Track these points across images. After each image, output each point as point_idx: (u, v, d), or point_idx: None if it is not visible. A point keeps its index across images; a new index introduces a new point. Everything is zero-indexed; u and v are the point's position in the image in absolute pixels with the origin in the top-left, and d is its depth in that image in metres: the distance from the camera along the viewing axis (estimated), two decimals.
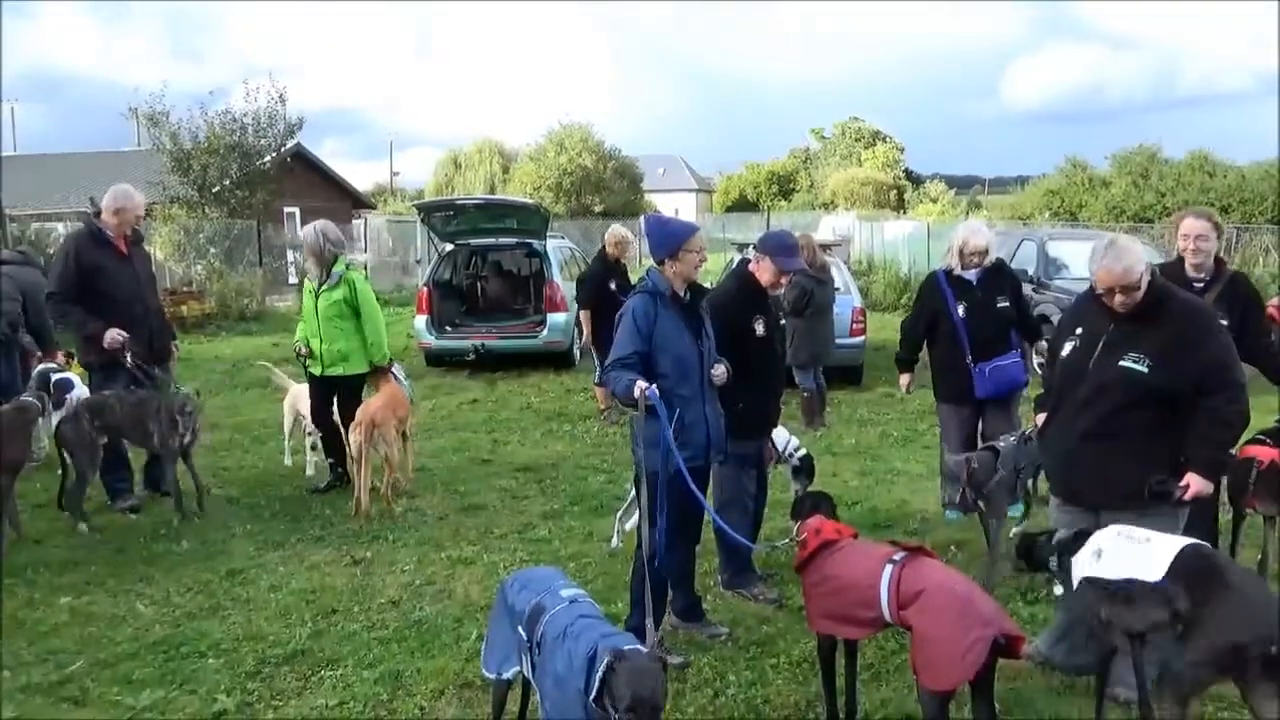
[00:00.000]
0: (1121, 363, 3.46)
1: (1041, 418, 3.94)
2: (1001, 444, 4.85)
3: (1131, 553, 3.10)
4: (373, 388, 6.46)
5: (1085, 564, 3.23)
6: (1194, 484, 3.40)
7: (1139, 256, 3.43)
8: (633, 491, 4.44)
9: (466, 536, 5.61)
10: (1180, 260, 4.49)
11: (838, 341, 9.08)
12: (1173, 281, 3.96)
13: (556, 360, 11.45)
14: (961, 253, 5.47)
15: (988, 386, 5.41)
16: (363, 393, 6.51)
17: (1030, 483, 5.17)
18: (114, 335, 5.71)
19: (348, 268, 6.21)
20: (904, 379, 5.99)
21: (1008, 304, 5.50)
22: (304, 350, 6.43)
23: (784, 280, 4.69)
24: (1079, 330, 3.67)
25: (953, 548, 5.25)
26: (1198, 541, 3.12)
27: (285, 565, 5.17)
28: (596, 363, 8.39)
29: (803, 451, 5.36)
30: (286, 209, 23.81)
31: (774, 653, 4.08)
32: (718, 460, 4.33)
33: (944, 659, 2.91)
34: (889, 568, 3.13)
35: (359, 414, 5.95)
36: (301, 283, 7.24)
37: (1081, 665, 3.73)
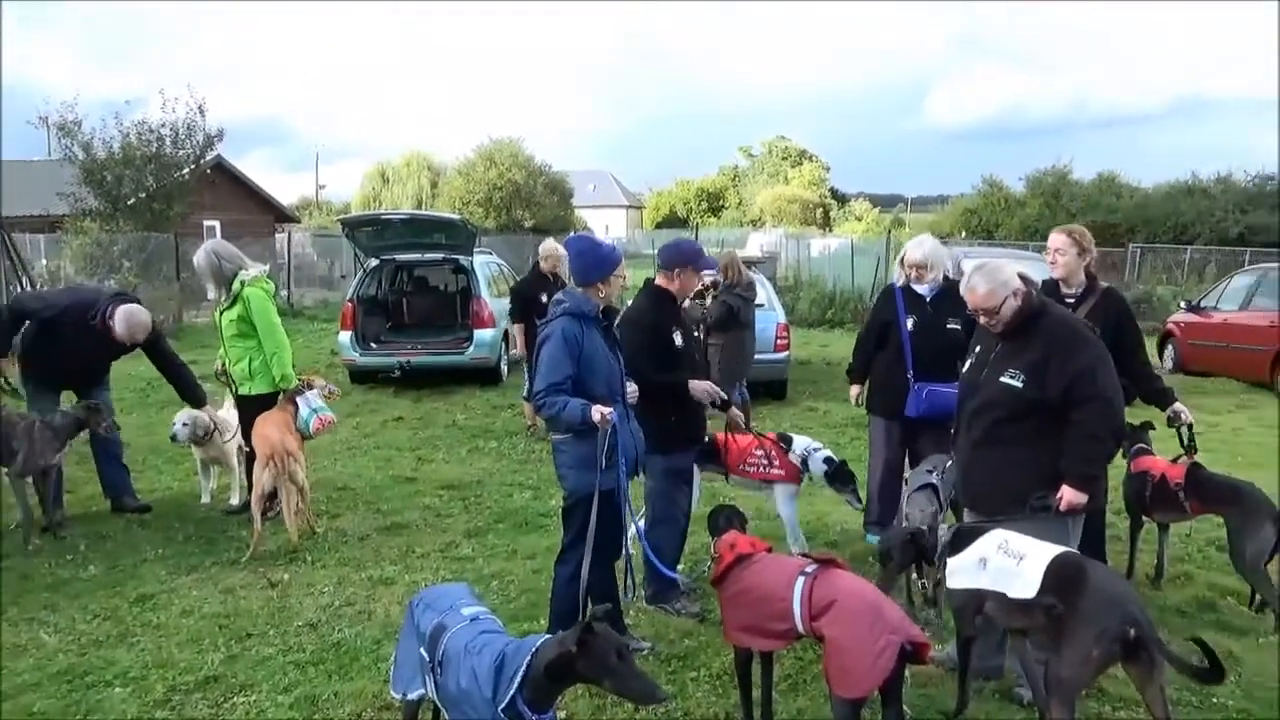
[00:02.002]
0: (1001, 378, 3.66)
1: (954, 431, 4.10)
2: (936, 480, 4.69)
3: (1006, 569, 3.24)
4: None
5: (969, 571, 3.36)
6: (1067, 495, 3.56)
7: (1003, 282, 3.62)
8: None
9: (388, 556, 5.54)
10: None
11: (763, 356, 9.24)
12: (1050, 296, 4.17)
13: (483, 376, 11.38)
14: (902, 263, 5.41)
15: (921, 407, 5.18)
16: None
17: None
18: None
19: (243, 284, 6.01)
20: (854, 390, 5.76)
21: (958, 327, 5.08)
22: (218, 368, 6.32)
23: (700, 280, 4.70)
24: (978, 348, 3.86)
25: (871, 558, 5.36)
26: (1066, 549, 3.27)
27: (198, 589, 5.03)
28: (528, 377, 8.37)
29: (825, 453, 5.29)
30: (207, 222, 23.25)
31: (695, 665, 4.12)
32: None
33: (855, 666, 2.99)
34: (801, 580, 3.21)
35: (265, 449, 5.58)
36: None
37: (990, 669, 3.89)
